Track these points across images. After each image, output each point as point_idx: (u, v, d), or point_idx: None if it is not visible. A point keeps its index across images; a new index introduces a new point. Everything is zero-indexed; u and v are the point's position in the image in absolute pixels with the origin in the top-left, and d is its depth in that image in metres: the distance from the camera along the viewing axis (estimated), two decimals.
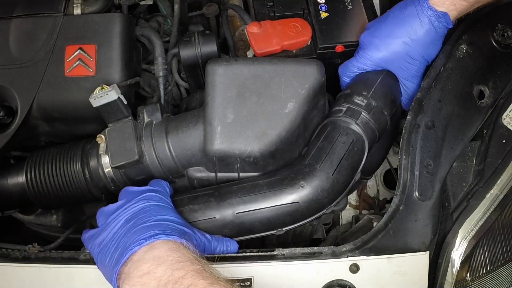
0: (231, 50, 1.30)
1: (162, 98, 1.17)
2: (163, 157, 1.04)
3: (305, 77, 1.02)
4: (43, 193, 1.08)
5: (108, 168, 1.05)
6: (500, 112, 1.09)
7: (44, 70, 1.09)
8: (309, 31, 1.18)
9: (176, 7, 1.27)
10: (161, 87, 1.17)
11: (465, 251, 1.01)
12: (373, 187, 1.39)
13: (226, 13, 1.34)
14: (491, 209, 1.03)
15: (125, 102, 1.05)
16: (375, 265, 1.00)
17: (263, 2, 1.26)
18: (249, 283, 0.98)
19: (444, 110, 1.08)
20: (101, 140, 1.04)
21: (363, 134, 1.02)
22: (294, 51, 1.19)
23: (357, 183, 1.06)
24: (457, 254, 1.02)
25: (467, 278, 1.02)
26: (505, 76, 1.12)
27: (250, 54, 1.23)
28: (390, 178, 1.38)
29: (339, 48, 1.18)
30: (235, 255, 0.99)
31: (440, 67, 1.11)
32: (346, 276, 1.00)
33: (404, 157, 1.05)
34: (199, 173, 1.06)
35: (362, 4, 1.25)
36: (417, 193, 1.03)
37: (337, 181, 0.99)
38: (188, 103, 1.19)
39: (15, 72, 1.09)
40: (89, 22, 1.11)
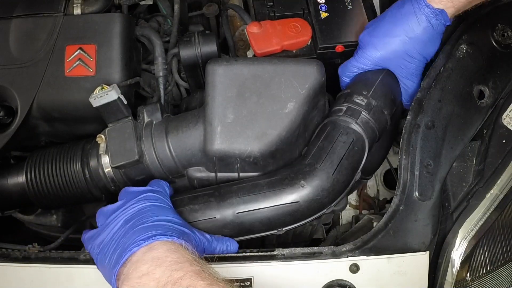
0: (231, 50, 1.30)
1: (162, 98, 1.17)
2: (163, 157, 1.04)
3: (305, 77, 1.02)
4: (43, 193, 1.08)
5: (108, 168, 1.05)
6: (500, 112, 1.09)
7: (44, 70, 1.09)
8: (309, 31, 1.18)
9: (176, 7, 1.27)
10: (161, 87, 1.17)
11: (465, 251, 1.01)
12: (373, 187, 1.39)
13: (226, 13, 1.34)
14: (491, 209, 1.03)
15: (125, 102, 1.05)
16: (375, 265, 1.00)
17: (263, 2, 1.26)
18: (249, 283, 0.98)
19: (444, 110, 1.08)
20: (101, 140, 1.04)
21: (363, 133, 1.02)
22: (294, 51, 1.19)
23: (357, 183, 1.06)
24: (457, 254, 1.02)
25: (467, 278, 1.02)
26: (505, 76, 1.12)
27: (250, 54, 1.23)
28: (390, 178, 1.38)
29: (339, 48, 1.18)
30: (235, 255, 0.99)
31: (440, 67, 1.11)
32: (346, 276, 1.00)
33: (404, 157, 1.05)
34: (199, 173, 1.06)
35: (362, 4, 1.25)
36: (417, 193, 1.03)
37: (338, 181, 0.99)
38: (188, 103, 1.18)
39: (15, 72, 1.09)
40: (89, 22, 1.11)
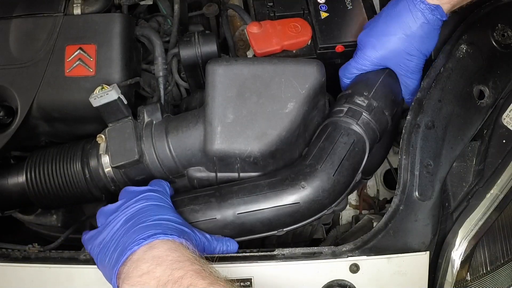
0: (231, 50, 1.30)
1: (162, 98, 1.17)
2: (163, 157, 1.04)
3: (305, 77, 1.02)
4: (43, 193, 1.08)
5: (108, 168, 1.05)
6: (500, 112, 1.09)
7: (44, 70, 1.08)
8: (309, 31, 1.18)
9: (176, 7, 1.27)
10: (161, 87, 1.17)
11: (465, 251, 1.01)
12: (373, 187, 1.39)
13: (226, 13, 1.34)
14: (491, 209, 1.03)
15: (125, 102, 1.05)
16: (375, 265, 1.00)
17: (263, 2, 1.26)
18: (249, 283, 0.98)
19: (444, 110, 1.08)
20: (101, 140, 1.04)
21: (364, 134, 1.02)
22: (294, 51, 1.19)
23: (358, 183, 1.06)
24: (457, 254, 1.02)
25: (467, 278, 1.02)
26: (505, 76, 1.12)
27: (250, 54, 1.23)
28: (390, 178, 1.38)
29: (339, 48, 1.18)
30: (235, 255, 0.99)
31: (440, 67, 1.11)
32: (346, 276, 1.00)
33: (404, 157, 1.05)
34: (199, 173, 1.06)
35: (362, 4, 1.25)
36: (417, 193, 1.03)
37: (338, 182, 0.99)
38: (188, 103, 1.18)
39: (15, 72, 1.09)
40: (89, 22, 1.11)
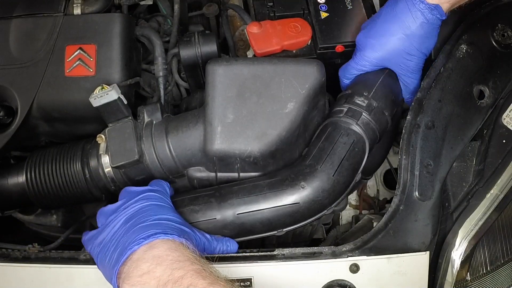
0: (231, 50, 1.30)
1: (162, 98, 1.17)
2: (163, 157, 1.04)
3: (305, 77, 1.02)
4: (43, 193, 1.08)
5: (108, 168, 1.05)
6: (500, 112, 1.09)
7: (44, 70, 1.08)
8: (309, 31, 1.18)
9: (176, 7, 1.27)
10: (161, 87, 1.17)
11: (465, 251, 1.01)
12: (373, 187, 1.39)
13: (226, 13, 1.34)
14: (491, 209, 1.03)
15: (125, 102, 1.05)
16: (375, 265, 1.00)
17: (263, 2, 1.26)
18: (249, 283, 0.98)
19: (444, 110, 1.08)
20: (101, 140, 1.04)
21: (364, 134, 1.02)
22: (294, 51, 1.19)
23: (358, 183, 1.06)
24: (457, 254, 1.02)
25: (467, 278, 1.02)
26: (505, 76, 1.12)
27: (250, 54, 1.23)
28: (390, 178, 1.38)
29: (339, 48, 1.18)
30: (235, 255, 0.99)
31: (440, 67, 1.11)
32: (346, 276, 1.00)
33: (404, 157, 1.05)
34: (199, 173, 1.06)
35: (362, 4, 1.25)
36: (417, 193, 1.03)
37: (338, 182, 0.98)
38: (188, 103, 1.18)
39: (15, 72, 1.09)
40: (89, 22, 1.11)
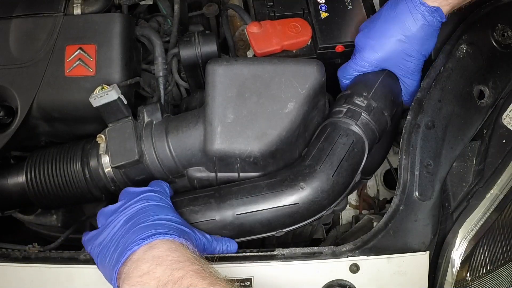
0: (231, 50, 1.30)
1: (162, 98, 1.17)
2: (163, 157, 1.04)
3: (305, 77, 1.02)
4: (43, 193, 1.08)
5: (108, 168, 1.05)
6: (500, 112, 1.09)
7: (44, 70, 1.08)
8: (309, 31, 1.18)
9: (176, 7, 1.27)
10: (161, 87, 1.17)
11: (465, 251, 1.01)
12: (373, 187, 1.39)
13: (226, 13, 1.34)
14: (491, 209, 1.03)
15: (125, 102, 1.05)
16: (375, 265, 1.00)
17: (263, 2, 1.26)
18: (249, 283, 0.98)
19: (444, 110, 1.08)
20: (101, 140, 1.04)
21: (363, 135, 1.02)
22: (294, 51, 1.19)
23: (357, 183, 1.06)
24: (457, 254, 1.02)
25: (467, 278, 1.02)
26: (505, 76, 1.12)
27: (250, 54, 1.23)
28: (390, 178, 1.38)
29: (339, 48, 1.18)
30: (235, 255, 0.99)
31: (440, 67, 1.11)
32: (346, 276, 1.00)
33: (404, 157, 1.05)
34: (199, 173, 1.06)
35: (362, 4, 1.25)
36: (417, 193, 1.03)
37: (337, 183, 0.98)
38: (188, 103, 1.18)
39: (15, 72, 1.09)
40: (89, 22, 1.11)
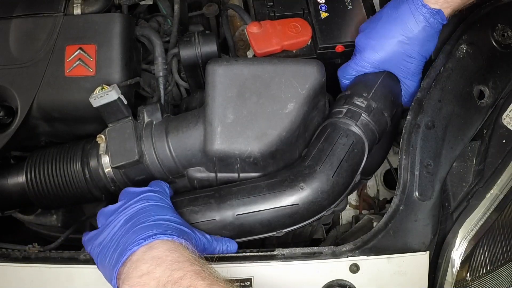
0: (231, 50, 1.30)
1: (162, 98, 1.17)
2: (163, 157, 1.04)
3: (305, 77, 1.02)
4: (43, 193, 1.08)
5: (108, 168, 1.05)
6: (500, 112, 1.09)
7: (44, 70, 1.08)
8: (309, 31, 1.18)
9: (176, 7, 1.27)
10: (161, 87, 1.17)
11: (465, 251, 1.01)
12: (373, 187, 1.39)
13: (226, 13, 1.34)
14: (491, 209, 1.03)
15: (125, 102, 1.05)
16: (375, 265, 1.00)
17: (263, 2, 1.26)
18: (249, 283, 0.98)
19: (444, 110, 1.08)
20: (101, 140, 1.04)
21: (363, 135, 1.02)
22: (294, 51, 1.19)
23: (357, 184, 1.06)
24: (457, 254, 1.02)
25: (467, 278, 1.02)
26: (505, 76, 1.12)
27: (250, 54, 1.23)
28: (390, 178, 1.38)
29: (339, 48, 1.18)
30: (235, 255, 0.99)
31: (440, 67, 1.11)
32: (346, 276, 1.00)
33: (404, 157, 1.05)
34: (199, 174, 1.06)
35: (362, 4, 1.25)
36: (417, 193, 1.03)
37: (337, 183, 0.98)
38: (188, 103, 1.18)
39: (15, 72, 1.09)
40: (89, 22, 1.11)
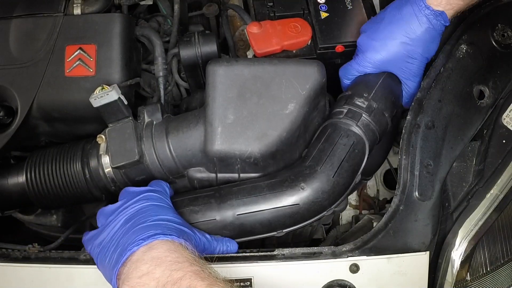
0: (231, 50, 1.30)
1: (162, 98, 1.17)
2: (163, 157, 1.04)
3: (305, 78, 1.02)
4: (43, 193, 1.08)
5: (108, 168, 1.05)
6: (500, 112, 1.09)
7: (44, 70, 1.08)
8: (309, 31, 1.18)
9: (176, 7, 1.27)
10: (161, 87, 1.17)
11: (465, 251, 1.02)
12: (373, 187, 1.39)
13: (226, 13, 1.34)
14: (491, 209, 1.03)
15: (126, 102, 1.05)
16: (375, 265, 1.00)
17: (263, 2, 1.26)
18: (249, 283, 0.98)
19: (444, 110, 1.08)
20: (102, 140, 1.04)
21: (363, 136, 1.02)
22: (294, 51, 1.19)
23: (358, 184, 1.06)
24: (457, 254, 1.02)
25: (467, 278, 1.02)
26: (505, 76, 1.12)
27: (250, 54, 1.23)
28: (390, 178, 1.38)
29: (339, 48, 1.18)
30: (235, 255, 0.99)
31: (440, 67, 1.11)
32: (346, 276, 1.00)
33: (404, 157, 1.05)
34: (199, 174, 1.06)
35: (362, 4, 1.25)
36: (417, 193, 1.03)
37: (338, 183, 0.98)
38: (188, 103, 1.18)
39: (15, 72, 1.09)
40: (89, 22, 1.11)
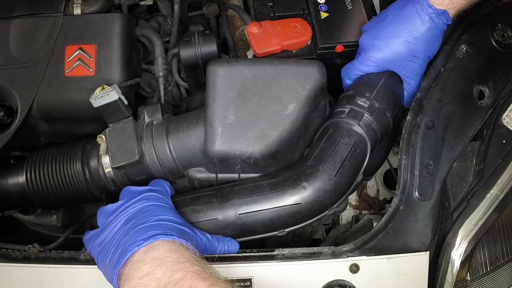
0: (231, 50, 1.30)
1: (162, 98, 1.17)
2: (163, 157, 1.04)
3: (306, 78, 1.02)
4: (43, 193, 1.08)
5: (108, 168, 1.05)
6: (500, 112, 1.09)
7: (44, 70, 1.08)
8: (309, 31, 1.18)
9: (176, 7, 1.27)
10: (161, 87, 1.17)
11: (465, 251, 1.02)
12: (373, 187, 1.39)
13: (226, 13, 1.34)
14: (491, 209, 1.03)
15: (126, 102, 1.05)
16: (375, 265, 1.00)
17: (263, 2, 1.26)
18: (249, 283, 0.98)
19: (444, 110, 1.08)
20: (102, 140, 1.04)
21: (365, 135, 1.02)
22: (294, 51, 1.19)
23: (359, 184, 1.06)
24: (457, 254, 1.02)
25: (467, 278, 1.02)
26: (505, 76, 1.12)
27: (250, 54, 1.23)
28: (390, 178, 1.38)
29: (339, 48, 1.18)
30: (235, 255, 0.99)
31: (440, 67, 1.11)
32: (346, 276, 1.00)
33: (404, 157, 1.05)
34: (199, 174, 1.06)
35: (362, 4, 1.25)
36: (417, 193, 1.03)
37: (340, 183, 0.99)
38: (188, 103, 1.18)
39: (15, 72, 1.08)
40: (89, 22, 1.11)
